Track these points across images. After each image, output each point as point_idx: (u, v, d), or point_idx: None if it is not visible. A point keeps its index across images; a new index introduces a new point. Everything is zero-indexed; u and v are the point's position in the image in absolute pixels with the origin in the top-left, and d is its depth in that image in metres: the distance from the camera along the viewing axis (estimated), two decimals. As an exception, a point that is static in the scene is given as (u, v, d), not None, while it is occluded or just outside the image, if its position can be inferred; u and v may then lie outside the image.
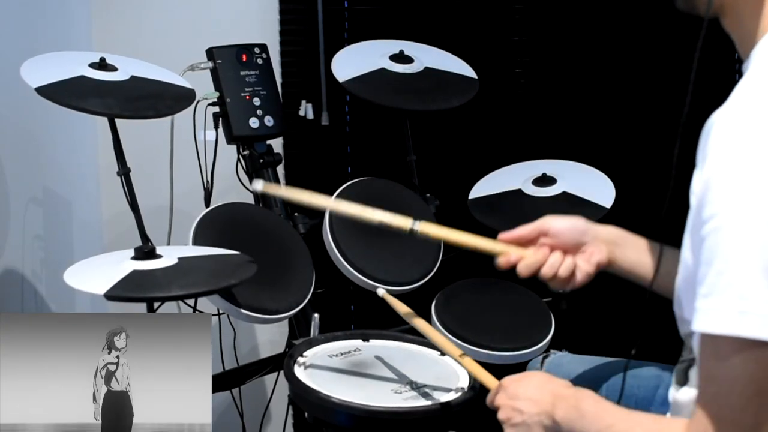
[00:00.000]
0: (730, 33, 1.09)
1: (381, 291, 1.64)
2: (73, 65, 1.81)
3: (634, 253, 1.36)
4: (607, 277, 1.38)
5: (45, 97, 1.71)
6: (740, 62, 1.09)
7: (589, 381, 1.42)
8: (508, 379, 1.29)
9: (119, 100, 1.78)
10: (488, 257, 1.41)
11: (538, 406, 1.20)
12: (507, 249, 1.38)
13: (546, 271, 1.35)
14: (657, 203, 1.29)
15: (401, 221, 1.41)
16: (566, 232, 1.37)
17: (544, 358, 1.59)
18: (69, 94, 1.74)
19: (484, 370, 1.40)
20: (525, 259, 1.36)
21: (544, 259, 1.35)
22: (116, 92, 1.79)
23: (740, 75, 1.07)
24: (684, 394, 1.16)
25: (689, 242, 1.02)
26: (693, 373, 1.14)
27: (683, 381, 1.17)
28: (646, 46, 2.45)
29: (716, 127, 0.96)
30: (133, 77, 1.86)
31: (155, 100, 1.83)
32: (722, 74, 1.00)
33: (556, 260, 1.35)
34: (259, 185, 1.56)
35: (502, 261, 1.37)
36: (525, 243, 1.39)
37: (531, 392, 1.23)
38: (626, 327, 1.35)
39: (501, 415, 1.26)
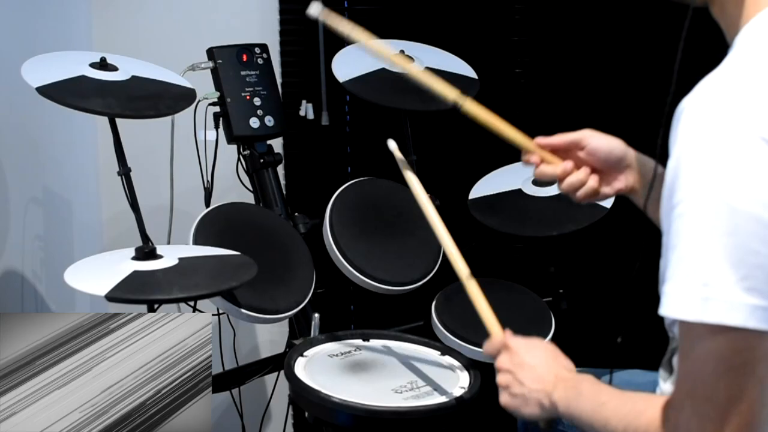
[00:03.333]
0: (718, 21, 1.09)
1: (392, 144, 1.57)
2: (74, 65, 1.81)
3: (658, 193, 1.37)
4: (607, 277, 1.39)
5: (46, 96, 1.71)
6: None
7: None
8: (516, 343, 1.29)
9: (120, 99, 1.78)
10: (488, 257, 1.41)
11: (540, 383, 1.21)
12: (537, 150, 1.38)
13: (563, 187, 1.38)
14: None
15: (449, 92, 1.43)
16: (602, 153, 1.37)
17: None
18: (70, 93, 1.73)
19: (490, 308, 1.38)
20: (546, 166, 1.38)
21: (563, 174, 1.37)
22: (117, 92, 1.79)
23: None
24: (669, 386, 1.16)
25: (663, 226, 1.03)
26: (676, 362, 1.15)
27: (670, 371, 1.17)
28: (647, 45, 2.45)
29: (686, 111, 0.97)
30: (133, 77, 1.86)
31: (156, 100, 1.83)
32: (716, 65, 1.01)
33: (577, 180, 1.37)
34: (314, 9, 1.43)
35: (525, 158, 1.39)
36: (560, 151, 1.39)
37: (537, 366, 1.23)
38: (625, 327, 1.36)
39: (501, 379, 1.26)
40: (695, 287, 0.93)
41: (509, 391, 1.25)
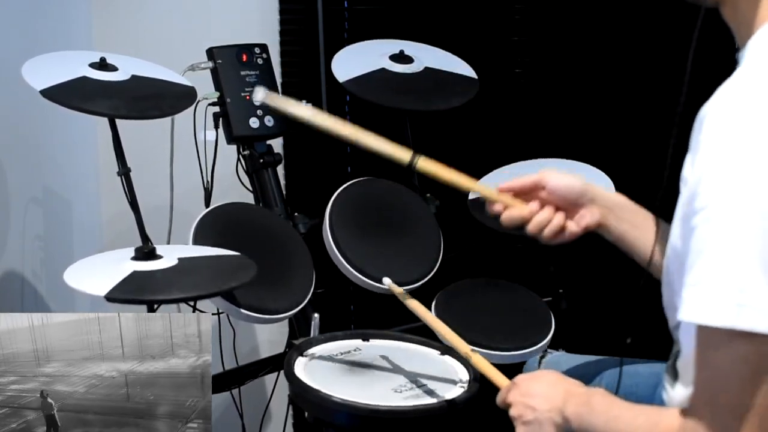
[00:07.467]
0: (728, 22, 1.09)
1: (387, 281, 1.62)
2: (74, 65, 1.81)
3: (626, 224, 1.36)
4: (607, 276, 1.39)
5: (50, 99, 1.70)
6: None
7: (586, 379, 1.42)
8: (521, 377, 1.30)
9: (125, 100, 1.77)
10: (488, 257, 1.41)
11: (549, 402, 1.21)
12: (500, 197, 1.39)
13: (530, 228, 1.37)
14: (656, 202, 1.29)
15: (401, 154, 1.41)
16: (562, 189, 1.37)
17: (542, 357, 1.60)
18: (74, 96, 1.73)
19: (494, 367, 1.39)
20: (510, 210, 1.37)
21: (530, 215, 1.37)
22: (121, 93, 1.79)
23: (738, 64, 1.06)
24: (676, 392, 1.16)
25: (679, 230, 1.03)
26: (680, 366, 1.15)
27: (674, 376, 1.17)
28: (646, 45, 2.45)
29: (709, 117, 0.97)
30: (133, 76, 1.86)
31: (158, 99, 1.83)
32: (723, 67, 1.00)
33: (544, 218, 1.36)
34: (260, 94, 1.50)
35: (488, 208, 1.40)
36: (522, 194, 1.39)
37: (543, 389, 1.23)
38: (626, 326, 1.36)
39: (513, 412, 1.26)
40: (729, 293, 0.92)
41: (522, 420, 1.24)
